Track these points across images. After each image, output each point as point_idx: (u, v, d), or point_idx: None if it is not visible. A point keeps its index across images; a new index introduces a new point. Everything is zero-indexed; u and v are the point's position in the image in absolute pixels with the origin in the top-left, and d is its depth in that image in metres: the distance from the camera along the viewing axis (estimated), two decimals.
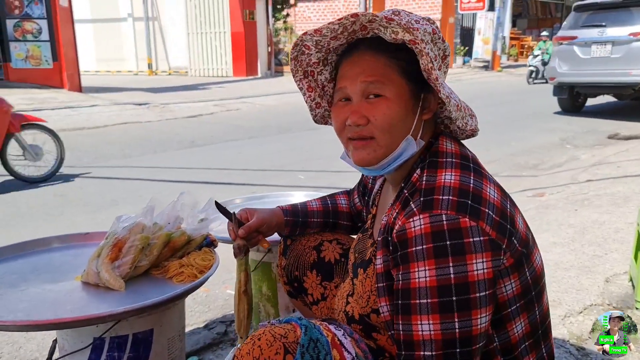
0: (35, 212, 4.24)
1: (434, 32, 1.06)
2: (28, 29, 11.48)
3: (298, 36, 1.14)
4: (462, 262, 0.94)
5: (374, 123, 1.07)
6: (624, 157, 5.77)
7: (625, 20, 8.25)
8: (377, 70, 1.07)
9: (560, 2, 28.48)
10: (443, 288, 0.94)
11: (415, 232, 0.97)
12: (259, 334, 1.10)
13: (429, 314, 0.95)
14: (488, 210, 0.99)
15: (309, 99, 1.27)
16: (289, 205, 1.53)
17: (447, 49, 1.11)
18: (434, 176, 1.03)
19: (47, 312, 1.31)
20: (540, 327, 1.10)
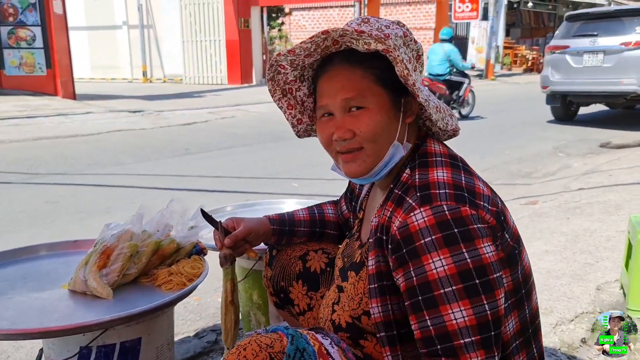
0: (28, 219, 4.21)
1: (405, 35, 1.09)
2: (22, 36, 11.47)
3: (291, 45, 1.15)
4: (473, 246, 0.96)
5: (360, 135, 1.09)
6: (615, 165, 5.80)
7: (617, 30, 8.34)
8: (355, 84, 1.08)
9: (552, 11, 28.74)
10: (464, 273, 0.95)
11: (420, 225, 0.98)
12: (244, 344, 1.09)
13: (458, 301, 0.95)
14: (483, 202, 1.02)
15: (290, 117, 1.29)
16: (276, 214, 1.52)
17: (420, 49, 1.13)
18: (426, 174, 1.05)
19: (33, 320, 1.30)
20: (530, 327, 1.11)
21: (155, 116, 10.30)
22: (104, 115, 10.28)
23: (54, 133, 8.29)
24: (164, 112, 10.75)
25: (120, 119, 9.88)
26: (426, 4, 23.04)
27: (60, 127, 8.76)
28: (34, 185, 5.35)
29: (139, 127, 9.14)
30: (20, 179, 5.59)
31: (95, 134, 8.47)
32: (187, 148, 7.36)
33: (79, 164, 6.32)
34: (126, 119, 9.90)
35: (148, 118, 10.09)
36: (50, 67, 11.70)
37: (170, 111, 10.96)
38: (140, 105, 11.66)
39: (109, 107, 11.27)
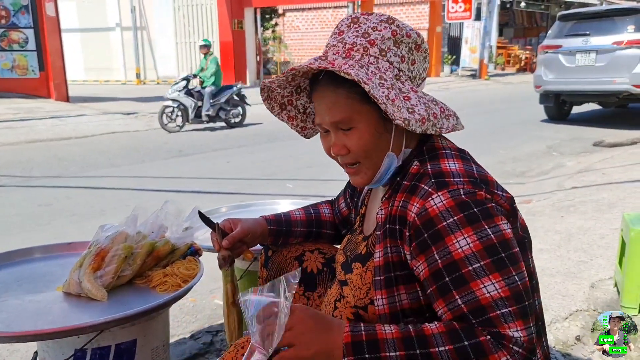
0: (22, 222, 4.19)
1: (395, 34, 1.08)
2: (14, 38, 11.42)
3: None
4: (494, 223, 0.99)
5: (353, 152, 1.11)
6: (608, 164, 5.83)
7: (609, 29, 8.38)
8: (340, 107, 1.08)
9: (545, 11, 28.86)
10: (490, 248, 0.96)
11: (439, 209, 0.99)
12: (242, 342, 1.10)
13: (489, 275, 0.95)
14: (496, 190, 1.05)
15: (293, 127, 1.31)
16: (272, 214, 1.51)
17: (418, 39, 1.11)
18: (438, 164, 1.07)
19: (27, 322, 1.30)
20: (540, 319, 1.12)
21: (149, 118, 10.27)
22: (98, 117, 10.25)
23: (48, 136, 8.26)
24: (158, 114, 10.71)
25: (114, 121, 9.85)
26: (419, 4, 23.09)
27: (54, 130, 8.73)
28: (27, 188, 5.33)
29: (133, 129, 9.12)
30: (14, 182, 5.57)
31: (89, 136, 8.45)
32: (181, 150, 7.35)
33: (73, 166, 6.30)
34: (120, 121, 9.87)
35: (142, 120, 10.07)
36: (43, 70, 11.67)
37: None
38: (134, 107, 11.63)
39: (103, 109, 11.23)
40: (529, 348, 0.95)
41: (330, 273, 1.49)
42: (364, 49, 1.06)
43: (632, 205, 3.96)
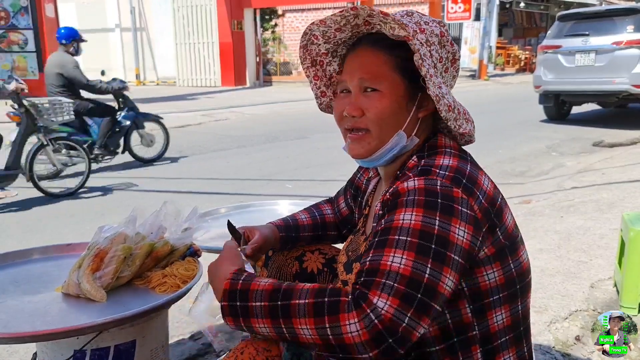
0: (21, 225, 4.19)
1: (442, 35, 1.11)
2: (14, 39, 11.42)
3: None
4: (448, 221, 0.96)
5: (368, 115, 1.11)
6: (608, 164, 5.83)
7: (608, 29, 8.38)
8: (374, 66, 1.10)
9: (545, 11, 28.87)
10: (425, 233, 0.95)
11: (409, 188, 1.00)
12: (241, 347, 1.09)
13: (405, 250, 0.94)
14: (479, 194, 1.02)
15: (315, 87, 1.30)
16: (280, 220, 1.50)
17: (457, 53, 1.15)
18: (433, 160, 1.07)
19: (25, 324, 1.29)
20: (522, 324, 1.11)
21: None
22: None
23: None
24: None
25: None
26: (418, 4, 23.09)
27: None
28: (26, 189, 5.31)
29: None
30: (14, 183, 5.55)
31: None
32: (181, 150, 7.35)
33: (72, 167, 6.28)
34: None
35: None
36: (43, 71, 11.64)
37: (163, 114, 10.85)
38: None
39: None
40: (389, 327, 0.89)
41: (331, 273, 1.49)
42: (414, 32, 1.08)
43: (632, 205, 3.96)
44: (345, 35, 1.17)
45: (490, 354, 1.06)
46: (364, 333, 0.90)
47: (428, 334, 1.04)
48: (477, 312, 1.04)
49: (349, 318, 0.91)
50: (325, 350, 0.95)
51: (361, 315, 0.90)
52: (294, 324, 0.95)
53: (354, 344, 0.91)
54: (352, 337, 0.91)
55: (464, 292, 1.03)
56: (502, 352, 1.07)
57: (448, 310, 1.03)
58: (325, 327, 0.92)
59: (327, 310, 0.93)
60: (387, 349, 0.91)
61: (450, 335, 1.04)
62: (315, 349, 0.97)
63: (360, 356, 0.92)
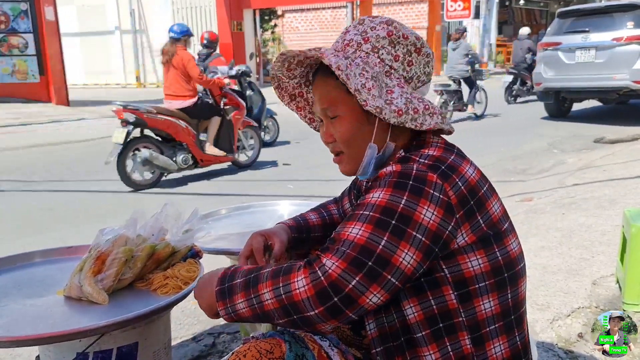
0: (22, 227, 4.20)
1: (390, 34, 1.13)
2: (14, 43, 11.44)
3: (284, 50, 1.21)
4: (416, 201, 1.00)
5: (338, 140, 1.19)
6: (609, 160, 5.82)
7: (608, 25, 8.37)
8: (328, 95, 1.17)
9: (544, 8, 28.83)
10: (388, 210, 1.00)
11: (386, 172, 1.05)
12: (244, 350, 1.09)
13: (364, 223, 1.00)
14: (458, 180, 1.04)
15: (302, 117, 1.36)
16: (292, 220, 1.49)
17: (418, 42, 1.15)
18: (417, 152, 1.10)
19: (27, 327, 1.29)
20: (513, 313, 1.10)
21: None
22: (98, 121, 10.26)
23: (48, 140, 8.27)
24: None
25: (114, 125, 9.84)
26: (418, 3, 23.08)
27: (54, 134, 8.74)
28: (28, 193, 5.34)
29: None
30: (14, 186, 5.57)
31: (90, 139, 8.46)
32: None
33: (73, 170, 6.30)
34: None
35: None
36: (43, 74, 11.68)
37: None
38: None
39: (103, 112, 11.23)
40: (334, 285, 0.95)
41: None
42: (358, 45, 1.13)
43: (633, 202, 3.96)
44: (300, 71, 1.23)
45: (479, 341, 1.06)
46: (310, 288, 0.97)
47: (413, 318, 1.05)
48: (462, 298, 1.05)
49: (298, 275, 0.99)
50: (284, 315, 1.00)
51: (309, 272, 0.98)
52: (259, 289, 1.02)
53: (301, 300, 0.97)
54: (299, 292, 0.98)
55: (447, 279, 1.04)
56: (491, 339, 1.07)
57: (432, 296, 1.05)
58: (279, 287, 1.00)
59: (283, 272, 1.02)
60: (332, 308, 0.96)
61: (436, 321, 1.05)
62: (277, 319, 1.02)
63: (308, 314, 0.98)
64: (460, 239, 1.03)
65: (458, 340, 1.06)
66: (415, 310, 1.05)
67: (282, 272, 1.02)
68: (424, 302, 1.05)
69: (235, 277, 1.07)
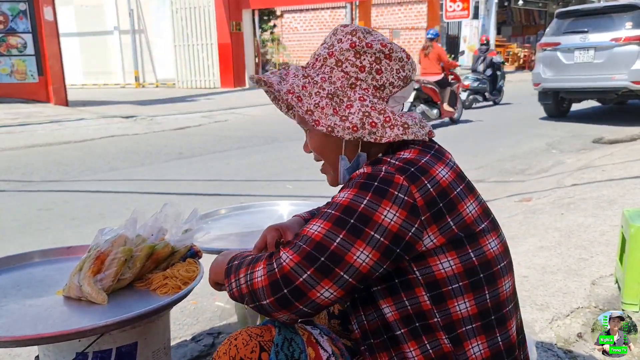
0: (21, 227, 4.19)
1: (354, 45, 1.13)
2: (13, 43, 11.42)
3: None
4: (378, 202, 1.02)
5: (313, 151, 1.26)
6: (608, 160, 5.83)
7: (607, 26, 8.38)
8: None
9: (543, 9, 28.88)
10: (349, 209, 1.03)
11: (357, 174, 1.09)
12: (235, 335, 1.15)
13: (324, 220, 1.04)
14: (427, 182, 1.04)
15: (291, 116, 1.35)
16: (307, 214, 1.49)
17: (384, 49, 1.14)
18: (393, 154, 1.11)
19: (27, 327, 1.29)
20: (493, 313, 1.09)
21: (149, 121, 10.28)
22: (97, 121, 10.25)
23: (47, 140, 8.26)
24: (157, 117, 10.73)
25: (113, 125, 9.85)
26: (417, 3, 23.11)
27: (53, 134, 8.73)
28: (27, 193, 5.33)
29: (132, 133, 9.12)
30: (14, 187, 5.56)
31: (89, 140, 8.44)
32: (181, 152, 7.35)
33: (72, 170, 6.29)
34: (119, 125, 9.87)
35: (141, 123, 10.06)
36: (42, 74, 11.66)
37: (163, 116, 10.94)
38: (133, 111, 11.63)
39: (102, 113, 11.23)
40: (286, 277, 1.02)
41: None
42: (324, 60, 1.16)
43: (632, 202, 3.96)
44: None
45: (456, 341, 1.07)
46: (265, 278, 1.05)
47: (391, 317, 1.08)
48: (435, 300, 1.05)
49: (259, 265, 1.07)
50: (250, 301, 1.08)
51: (267, 263, 1.06)
52: (239, 273, 1.11)
53: (258, 289, 1.05)
54: (257, 281, 1.06)
55: (419, 281, 1.05)
56: (469, 339, 1.07)
57: (406, 297, 1.07)
58: (247, 274, 1.09)
59: (254, 261, 1.10)
60: (282, 299, 1.03)
61: (412, 320, 1.07)
62: (248, 303, 1.10)
63: (262, 302, 1.05)
64: (428, 241, 1.03)
65: (436, 339, 1.07)
66: (391, 309, 1.08)
67: (254, 260, 1.11)
68: (398, 302, 1.07)
69: (236, 259, 1.17)
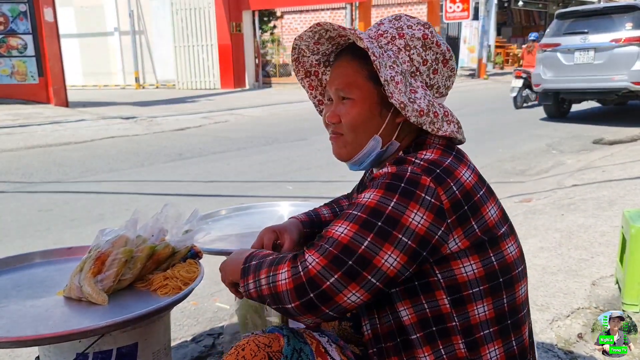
0: (21, 228, 4.19)
1: (425, 37, 1.13)
2: (13, 44, 11.43)
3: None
4: (405, 204, 1.00)
5: (343, 122, 1.17)
6: (608, 161, 5.83)
7: (607, 27, 8.39)
8: (347, 77, 1.15)
9: (543, 10, 28.88)
10: (376, 211, 1.00)
11: (381, 173, 1.06)
12: (243, 344, 1.10)
13: (351, 222, 1.01)
14: (453, 184, 1.03)
15: (311, 96, 1.35)
16: (304, 215, 1.49)
17: (447, 53, 1.15)
18: (415, 153, 1.10)
19: (27, 328, 1.29)
20: (509, 317, 1.09)
21: (149, 122, 10.28)
22: (97, 122, 10.25)
23: (47, 141, 8.26)
24: (157, 118, 10.73)
25: (113, 126, 9.85)
26: (417, 4, 23.11)
27: (53, 135, 8.73)
28: (27, 194, 5.33)
29: (132, 133, 9.12)
30: (13, 187, 5.57)
31: (89, 141, 8.44)
32: (181, 153, 7.35)
33: (73, 171, 6.29)
34: (119, 126, 9.87)
35: (141, 124, 10.07)
36: (42, 75, 11.67)
37: (163, 117, 10.95)
38: (133, 112, 11.63)
39: (102, 114, 11.24)
40: (312, 281, 0.99)
41: None
42: (392, 38, 1.13)
43: (633, 203, 3.96)
44: (326, 48, 1.22)
45: (473, 346, 1.06)
46: (290, 282, 1.01)
47: (407, 320, 1.06)
48: (455, 303, 1.05)
49: (282, 267, 1.04)
50: (273, 303, 1.05)
51: (291, 266, 1.03)
52: (260, 274, 1.08)
53: (282, 292, 1.02)
54: (281, 284, 1.02)
55: (440, 284, 1.04)
56: (486, 344, 1.07)
57: (425, 300, 1.05)
58: (270, 276, 1.05)
59: (276, 261, 1.07)
60: (308, 303, 1.00)
61: (429, 324, 1.06)
62: (271, 305, 1.07)
63: (287, 306, 1.02)
64: (453, 244, 1.02)
65: (452, 344, 1.06)
66: (408, 312, 1.06)
67: (275, 261, 1.07)
68: (417, 305, 1.05)
69: (253, 259, 1.14)
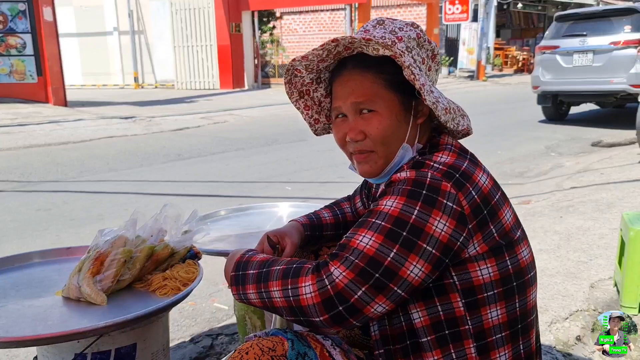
0: (20, 228, 4.19)
1: (419, 36, 1.13)
2: (12, 43, 11.41)
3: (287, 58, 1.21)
4: (428, 212, 0.99)
5: (370, 137, 1.14)
6: (607, 164, 5.84)
7: (606, 29, 8.40)
8: (365, 89, 1.12)
9: (542, 12, 28.91)
10: (400, 220, 0.99)
11: (400, 177, 1.05)
12: (246, 348, 1.09)
13: (375, 232, 0.99)
14: (472, 189, 1.03)
15: (307, 117, 1.32)
16: (305, 218, 1.49)
17: (436, 49, 1.16)
18: (431, 156, 1.09)
19: (26, 328, 1.29)
20: (520, 322, 1.09)
21: (148, 122, 10.27)
22: (96, 122, 10.24)
23: (46, 141, 8.25)
24: (156, 118, 10.72)
25: (112, 126, 9.84)
26: (416, 6, 23.14)
27: (52, 135, 8.72)
28: (25, 194, 5.32)
29: (131, 134, 9.11)
30: (12, 187, 5.56)
31: (87, 140, 8.43)
32: (180, 153, 7.34)
33: (71, 171, 6.28)
34: (118, 126, 9.86)
35: (140, 124, 10.06)
36: (41, 75, 11.65)
37: (162, 117, 10.94)
38: (132, 112, 11.62)
39: (101, 113, 11.23)
40: (340, 294, 0.97)
41: None
42: (393, 43, 1.09)
43: (631, 205, 3.97)
44: (327, 64, 1.19)
45: (484, 350, 1.06)
46: (316, 295, 0.99)
47: (420, 322, 1.05)
48: (470, 306, 1.04)
49: (305, 280, 1.01)
50: (291, 314, 1.03)
51: (316, 279, 1.00)
52: (269, 286, 1.05)
53: (308, 305, 1.00)
54: (306, 298, 1.00)
55: (456, 286, 1.04)
56: (497, 348, 1.07)
57: (440, 302, 1.04)
58: (287, 289, 1.02)
59: (292, 273, 1.03)
60: (337, 316, 0.98)
61: (442, 327, 1.05)
62: (285, 315, 1.05)
63: (314, 319, 1.00)
64: (472, 249, 1.02)
65: (463, 348, 1.05)
66: (421, 315, 1.05)
67: (291, 272, 1.04)
68: (430, 307, 1.05)
69: (248, 267, 1.11)
